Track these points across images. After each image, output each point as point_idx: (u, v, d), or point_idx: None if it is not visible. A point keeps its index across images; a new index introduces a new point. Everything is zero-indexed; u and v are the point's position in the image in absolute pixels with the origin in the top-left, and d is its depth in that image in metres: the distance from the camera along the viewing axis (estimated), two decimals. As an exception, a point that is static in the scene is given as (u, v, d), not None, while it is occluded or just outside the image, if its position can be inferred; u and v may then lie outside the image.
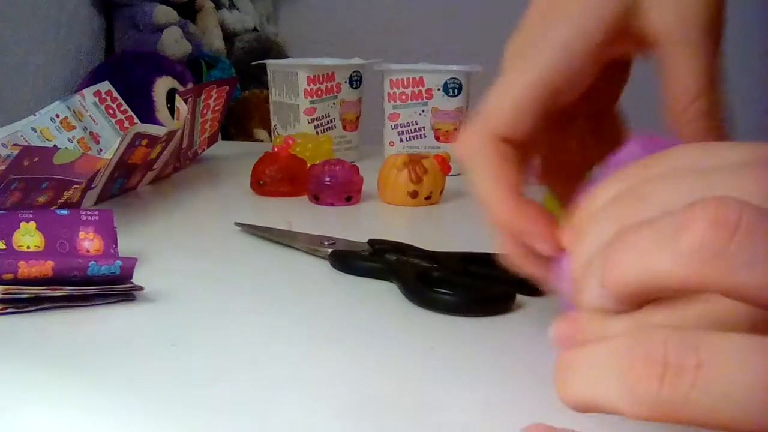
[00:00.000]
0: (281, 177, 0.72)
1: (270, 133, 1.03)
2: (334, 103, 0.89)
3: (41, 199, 0.56)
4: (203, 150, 0.90)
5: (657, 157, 0.25)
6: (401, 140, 0.85)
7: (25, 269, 0.41)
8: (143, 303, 0.44)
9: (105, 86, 0.84)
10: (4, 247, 0.45)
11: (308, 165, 0.74)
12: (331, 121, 0.89)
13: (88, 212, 0.49)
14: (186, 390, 0.34)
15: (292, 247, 0.55)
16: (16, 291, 0.41)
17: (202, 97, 0.82)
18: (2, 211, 0.48)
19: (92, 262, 0.43)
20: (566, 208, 0.30)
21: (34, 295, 0.41)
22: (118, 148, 0.65)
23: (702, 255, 0.19)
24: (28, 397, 0.33)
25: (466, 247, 0.51)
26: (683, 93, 0.33)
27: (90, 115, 0.80)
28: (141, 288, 0.44)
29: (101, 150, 0.78)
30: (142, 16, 1.15)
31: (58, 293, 0.42)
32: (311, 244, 0.54)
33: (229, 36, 1.32)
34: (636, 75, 0.40)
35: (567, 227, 0.28)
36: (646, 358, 0.19)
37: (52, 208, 0.56)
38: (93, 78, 1.01)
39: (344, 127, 0.90)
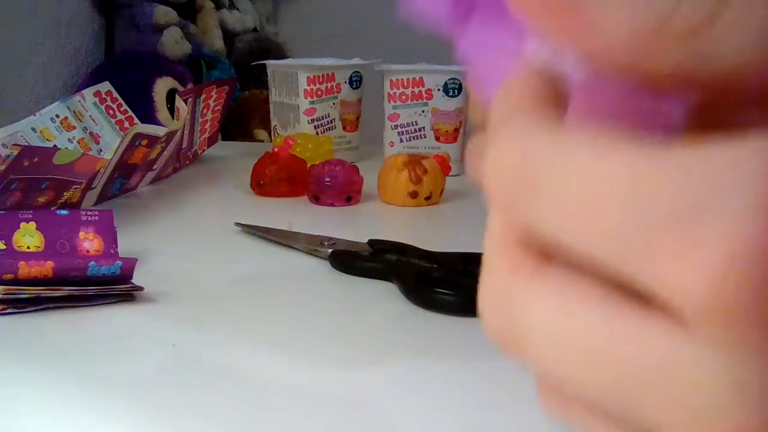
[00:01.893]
0: (281, 177, 0.72)
1: (270, 134, 1.03)
2: (334, 104, 0.89)
3: (41, 199, 0.56)
4: (203, 150, 0.90)
5: None
6: (401, 140, 0.85)
7: (25, 269, 0.41)
8: (143, 303, 0.44)
9: (105, 86, 0.84)
10: (4, 247, 0.45)
11: (308, 165, 0.74)
12: (331, 122, 0.89)
13: (88, 212, 0.49)
14: (186, 390, 0.34)
15: (292, 247, 0.55)
16: (16, 291, 0.41)
17: (202, 97, 0.82)
18: (2, 211, 0.48)
19: (92, 263, 0.43)
20: None
21: (34, 295, 0.41)
22: (118, 149, 0.65)
23: None
24: (28, 397, 0.33)
25: (466, 247, 0.51)
26: None
27: (90, 116, 0.80)
28: (141, 288, 0.44)
29: (101, 150, 0.78)
30: (142, 16, 1.15)
31: (58, 293, 0.42)
32: (311, 244, 0.54)
33: (229, 36, 1.32)
34: None
35: None
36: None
37: (52, 208, 0.56)
38: (93, 78, 1.01)
39: (344, 128, 0.90)
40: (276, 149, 0.75)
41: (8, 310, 0.41)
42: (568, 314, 0.15)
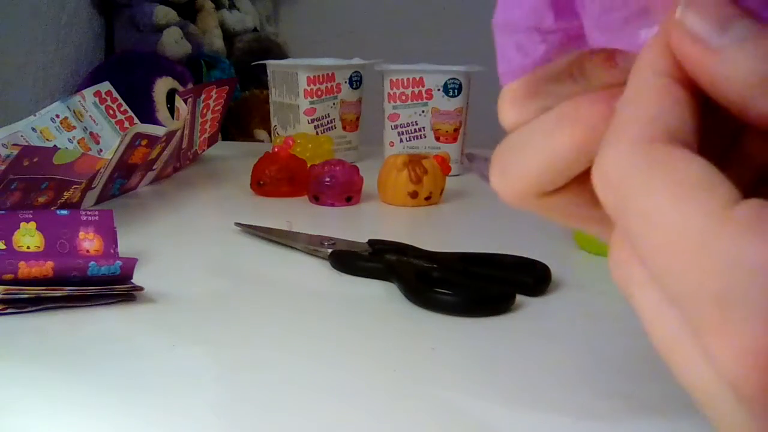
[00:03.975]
0: (281, 177, 0.72)
1: (270, 134, 1.03)
2: (334, 104, 0.89)
3: (41, 199, 0.56)
4: (203, 150, 0.90)
5: None
6: (401, 140, 0.85)
7: (25, 269, 0.41)
8: (143, 303, 0.44)
9: (105, 86, 0.84)
10: (4, 247, 0.45)
11: (308, 165, 0.74)
12: (331, 122, 0.89)
13: (88, 212, 0.49)
14: (186, 390, 0.34)
15: (292, 248, 0.55)
16: (16, 291, 0.41)
17: (202, 97, 0.82)
18: (2, 211, 0.48)
19: (92, 263, 0.43)
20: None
21: (34, 295, 0.41)
22: (118, 148, 0.65)
23: None
24: (28, 397, 0.33)
25: (466, 247, 0.51)
26: None
27: (90, 116, 0.80)
28: (141, 288, 0.44)
29: (101, 150, 0.78)
30: (142, 16, 1.15)
31: (58, 293, 0.42)
32: (311, 245, 0.54)
33: (229, 36, 1.32)
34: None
35: None
36: None
37: (52, 208, 0.56)
38: (93, 78, 1.01)
39: (344, 128, 0.90)
40: (276, 149, 0.75)
41: (8, 310, 0.41)
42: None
